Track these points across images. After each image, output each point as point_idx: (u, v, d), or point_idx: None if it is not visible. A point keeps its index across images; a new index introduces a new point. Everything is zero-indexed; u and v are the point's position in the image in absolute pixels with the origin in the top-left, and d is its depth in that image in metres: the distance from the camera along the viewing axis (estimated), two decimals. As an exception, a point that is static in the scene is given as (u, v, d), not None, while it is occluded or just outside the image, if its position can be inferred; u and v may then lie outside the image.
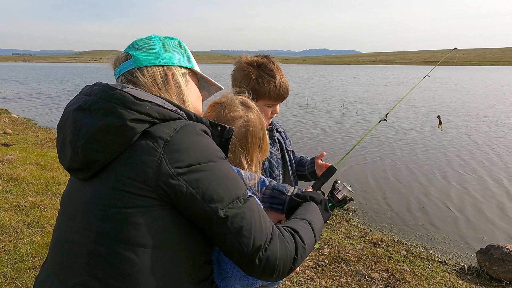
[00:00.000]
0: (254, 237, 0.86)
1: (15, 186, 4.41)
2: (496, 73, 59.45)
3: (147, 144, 0.82)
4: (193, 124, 0.88)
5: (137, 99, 0.85)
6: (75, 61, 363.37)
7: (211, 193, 0.83)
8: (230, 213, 0.84)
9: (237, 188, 0.88)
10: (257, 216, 0.89)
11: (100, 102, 0.85)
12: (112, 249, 0.81)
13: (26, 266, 2.76)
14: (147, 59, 1.01)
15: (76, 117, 0.87)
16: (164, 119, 0.86)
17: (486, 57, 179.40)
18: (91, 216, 0.84)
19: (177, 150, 0.82)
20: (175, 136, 0.83)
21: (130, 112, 0.82)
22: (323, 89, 25.91)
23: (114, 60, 1.06)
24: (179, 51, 1.09)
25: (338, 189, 1.43)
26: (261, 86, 1.52)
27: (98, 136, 0.82)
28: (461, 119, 12.54)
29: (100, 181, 0.84)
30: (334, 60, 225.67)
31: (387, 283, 3.08)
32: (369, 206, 5.19)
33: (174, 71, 1.04)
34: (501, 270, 3.33)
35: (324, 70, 76.41)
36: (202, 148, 0.85)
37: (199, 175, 0.83)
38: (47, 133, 9.17)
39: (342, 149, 8.30)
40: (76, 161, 0.86)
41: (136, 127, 0.82)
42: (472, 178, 6.41)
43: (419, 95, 19.67)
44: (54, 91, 23.12)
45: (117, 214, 0.81)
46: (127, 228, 0.81)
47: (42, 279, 0.93)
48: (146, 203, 0.81)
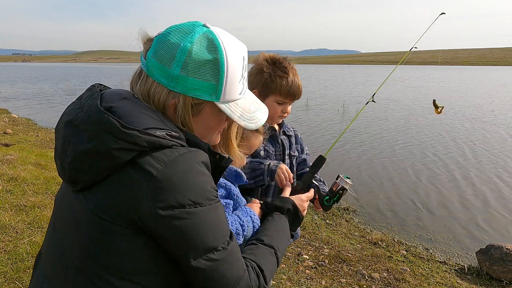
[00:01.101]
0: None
1: (15, 186, 4.41)
2: (496, 73, 59.49)
3: (133, 176, 0.77)
4: (187, 156, 0.80)
5: (124, 127, 0.76)
6: (75, 61, 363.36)
7: (187, 243, 0.79)
8: (201, 265, 0.81)
9: (217, 238, 0.83)
10: (229, 268, 0.85)
11: (88, 123, 0.79)
12: (95, 270, 0.81)
13: (26, 266, 2.76)
14: (156, 74, 0.86)
15: (66, 132, 0.83)
16: (154, 148, 0.78)
17: (486, 57, 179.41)
18: (78, 233, 0.83)
19: (161, 188, 0.76)
20: (163, 171, 0.76)
21: (116, 141, 0.76)
22: (322, 89, 25.92)
23: (144, 42, 0.92)
24: (207, 75, 0.86)
25: (336, 182, 1.47)
26: (273, 81, 1.54)
27: (83, 158, 0.78)
28: (466, 118, 12.55)
29: (84, 200, 0.82)
30: (334, 60, 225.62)
31: (387, 283, 3.08)
32: (369, 206, 5.19)
33: (181, 101, 0.87)
34: (501, 270, 3.33)
35: (323, 70, 76.50)
36: (190, 188, 0.79)
37: (179, 222, 0.77)
38: (47, 133, 9.16)
39: (339, 147, 8.30)
40: (63, 176, 0.85)
41: (121, 156, 0.76)
42: (472, 178, 6.41)
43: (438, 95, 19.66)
44: (54, 91, 23.13)
45: (100, 239, 0.80)
46: (109, 254, 0.80)
47: (37, 284, 0.94)
48: (127, 232, 0.79)
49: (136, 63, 1.00)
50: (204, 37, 0.86)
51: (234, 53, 0.88)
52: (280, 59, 1.59)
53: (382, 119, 12.27)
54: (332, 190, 1.48)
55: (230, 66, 0.87)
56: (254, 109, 0.98)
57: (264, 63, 1.58)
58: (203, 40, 0.85)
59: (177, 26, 0.89)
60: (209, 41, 0.85)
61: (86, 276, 0.81)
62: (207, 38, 0.86)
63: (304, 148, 1.84)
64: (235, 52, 0.88)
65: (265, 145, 1.62)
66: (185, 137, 0.85)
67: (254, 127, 0.97)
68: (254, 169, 1.45)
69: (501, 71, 73.62)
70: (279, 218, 1.16)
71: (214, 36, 0.86)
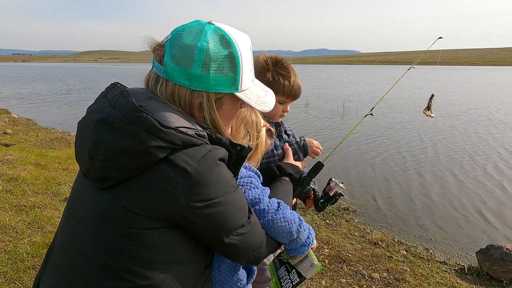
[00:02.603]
0: (248, 253, 0.97)
1: (15, 186, 4.41)
2: (497, 73, 59.48)
3: (167, 173, 0.81)
4: (213, 153, 0.86)
5: (162, 126, 0.80)
6: (75, 61, 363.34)
7: (221, 226, 0.88)
8: (233, 240, 0.91)
9: (243, 216, 0.94)
10: (254, 236, 0.97)
11: (124, 121, 0.81)
12: (124, 264, 0.83)
13: (26, 266, 2.76)
14: (177, 77, 0.89)
15: (97, 129, 0.84)
16: (186, 146, 0.84)
17: (486, 57, 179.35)
18: (102, 230, 0.85)
19: (196, 184, 0.82)
20: (196, 167, 0.82)
21: (154, 139, 0.79)
22: (322, 88, 25.92)
23: (153, 48, 0.93)
24: (225, 69, 0.90)
25: (330, 187, 1.58)
26: (276, 81, 1.57)
27: (117, 156, 0.81)
28: (467, 121, 12.54)
29: (112, 197, 0.84)
30: (334, 60, 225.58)
31: (387, 283, 3.09)
32: (369, 206, 5.19)
33: (205, 98, 0.92)
34: (501, 270, 3.33)
35: (323, 70, 76.49)
36: (220, 181, 0.86)
37: (214, 210, 0.85)
38: (47, 133, 9.16)
39: (335, 141, 8.30)
40: (92, 173, 0.85)
41: (157, 153, 0.80)
42: (472, 178, 6.41)
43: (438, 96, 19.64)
44: (54, 91, 23.11)
45: (130, 234, 0.83)
46: (140, 247, 0.83)
47: (52, 281, 0.94)
48: (158, 225, 0.83)
49: (136, 63, 1.00)
50: (215, 34, 0.89)
51: (244, 44, 0.93)
52: (281, 60, 1.63)
53: (382, 119, 12.27)
54: (327, 194, 1.58)
55: (243, 57, 0.92)
56: (263, 93, 1.06)
57: (266, 64, 1.60)
58: (216, 37, 0.89)
59: (184, 27, 0.91)
60: (221, 37, 0.90)
61: (112, 271, 0.84)
62: (218, 34, 0.90)
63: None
64: (245, 44, 0.93)
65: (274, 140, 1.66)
66: (208, 135, 0.90)
67: (268, 110, 1.05)
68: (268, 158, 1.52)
69: (501, 71, 73.57)
70: (287, 183, 1.34)
71: (224, 32, 0.90)
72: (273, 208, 1.10)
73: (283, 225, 1.08)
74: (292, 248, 1.15)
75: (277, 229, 1.07)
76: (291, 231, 1.09)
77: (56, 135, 8.82)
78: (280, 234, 1.08)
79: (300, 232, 1.13)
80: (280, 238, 1.09)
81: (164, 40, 0.92)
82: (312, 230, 1.20)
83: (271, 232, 1.07)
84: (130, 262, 0.83)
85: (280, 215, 1.08)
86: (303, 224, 1.14)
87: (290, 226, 1.09)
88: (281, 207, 1.11)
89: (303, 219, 1.17)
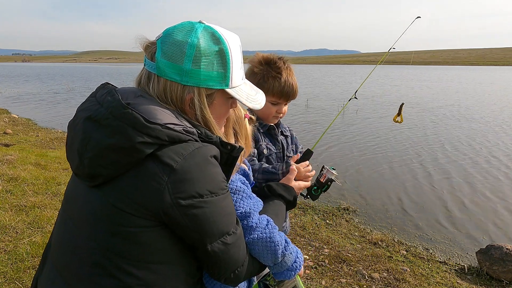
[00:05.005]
0: (230, 268, 0.93)
1: (15, 186, 4.41)
2: (497, 72, 59.46)
3: (154, 169, 0.81)
4: (202, 150, 0.85)
5: (148, 122, 0.80)
6: (75, 61, 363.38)
7: (205, 229, 0.86)
8: (215, 248, 0.88)
9: (230, 223, 0.91)
10: (237, 250, 0.93)
11: (111, 118, 0.81)
12: (115, 263, 0.83)
13: (26, 266, 2.76)
14: (169, 73, 0.90)
15: (86, 127, 0.85)
16: (173, 142, 0.83)
17: (486, 57, 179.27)
18: (96, 229, 0.85)
19: (182, 180, 0.81)
20: (182, 164, 0.81)
21: (140, 135, 0.79)
22: (323, 88, 25.93)
23: (145, 46, 0.95)
24: (216, 65, 0.92)
25: (323, 174, 1.55)
26: (265, 81, 1.54)
27: (105, 153, 0.81)
28: (466, 119, 12.54)
29: (102, 194, 0.84)
30: (334, 60, 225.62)
31: (387, 283, 3.08)
32: (369, 206, 5.19)
33: (196, 94, 0.92)
34: (501, 270, 3.33)
35: (323, 70, 76.49)
36: (207, 179, 0.84)
37: (198, 211, 0.83)
38: (47, 133, 9.16)
39: (339, 146, 8.30)
40: (82, 171, 0.86)
41: (144, 149, 0.80)
42: (472, 177, 6.41)
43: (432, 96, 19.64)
44: (54, 91, 23.10)
45: (121, 232, 0.82)
46: (131, 246, 0.83)
47: (49, 280, 0.94)
48: (148, 224, 0.83)
49: (136, 63, 1.00)
50: (206, 32, 0.91)
51: (233, 42, 0.95)
52: (274, 59, 1.58)
53: (382, 119, 12.28)
54: (319, 181, 1.55)
55: (233, 54, 0.94)
56: (254, 92, 1.08)
57: (258, 64, 1.58)
58: (206, 34, 0.91)
59: (175, 26, 0.93)
60: (211, 34, 0.92)
61: (105, 269, 0.84)
62: (208, 32, 0.92)
63: (298, 147, 1.87)
64: (234, 42, 0.95)
65: (267, 143, 1.65)
66: (198, 132, 0.89)
67: (259, 108, 1.06)
68: (268, 179, 1.44)
69: (501, 71, 73.56)
70: (280, 204, 1.26)
71: (213, 29, 0.93)
72: (261, 226, 1.03)
73: (268, 246, 1.01)
74: (277, 272, 1.09)
75: (261, 248, 1.01)
76: (276, 253, 1.03)
77: (56, 135, 8.82)
78: (264, 255, 1.02)
79: (286, 255, 1.06)
80: (264, 259, 1.03)
81: (156, 38, 0.94)
82: (300, 253, 1.13)
83: (255, 252, 1.02)
84: (121, 260, 0.83)
85: (266, 234, 1.02)
86: (289, 247, 1.07)
87: (275, 247, 1.02)
88: (270, 226, 1.05)
89: (290, 242, 1.10)
